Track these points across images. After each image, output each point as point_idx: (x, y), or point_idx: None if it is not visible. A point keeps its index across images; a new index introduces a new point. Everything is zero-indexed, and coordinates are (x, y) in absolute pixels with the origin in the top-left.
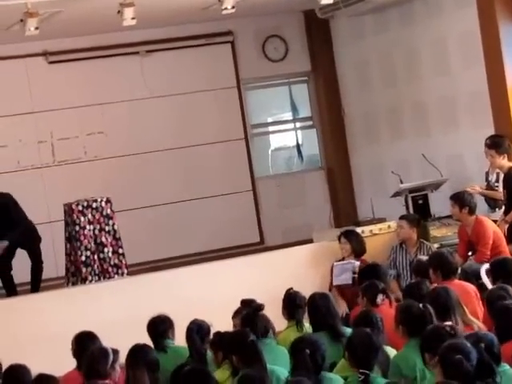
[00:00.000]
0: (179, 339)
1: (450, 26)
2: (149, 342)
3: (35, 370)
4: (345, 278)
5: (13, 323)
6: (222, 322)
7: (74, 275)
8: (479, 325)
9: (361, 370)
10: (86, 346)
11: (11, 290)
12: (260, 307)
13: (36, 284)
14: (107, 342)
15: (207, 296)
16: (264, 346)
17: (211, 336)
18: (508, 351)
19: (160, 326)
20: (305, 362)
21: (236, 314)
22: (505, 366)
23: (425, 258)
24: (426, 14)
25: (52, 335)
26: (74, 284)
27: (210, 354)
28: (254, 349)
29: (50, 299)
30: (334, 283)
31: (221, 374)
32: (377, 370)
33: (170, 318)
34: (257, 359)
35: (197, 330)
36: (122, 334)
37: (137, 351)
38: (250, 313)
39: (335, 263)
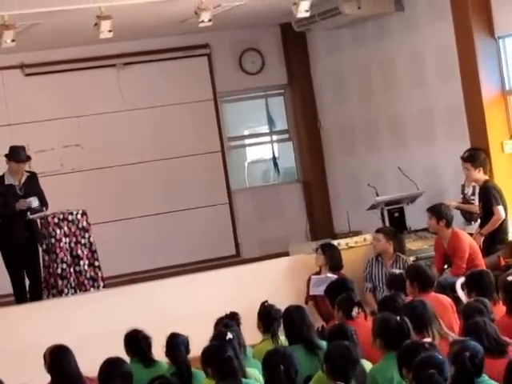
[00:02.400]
0: (154, 352)
1: (427, 39)
2: (124, 355)
3: (10, 383)
4: (321, 290)
5: None
6: (198, 335)
7: (54, 287)
8: (455, 338)
9: (338, 382)
10: (59, 360)
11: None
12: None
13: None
14: (82, 355)
15: (183, 309)
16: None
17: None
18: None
19: (138, 339)
20: (278, 376)
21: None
22: (484, 377)
23: (398, 271)
24: (402, 28)
25: (26, 348)
26: (54, 296)
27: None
28: (230, 364)
29: (25, 312)
30: (310, 293)
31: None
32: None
33: (145, 331)
34: (232, 374)
35: (182, 342)
36: (98, 347)
37: (111, 364)
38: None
39: (313, 276)
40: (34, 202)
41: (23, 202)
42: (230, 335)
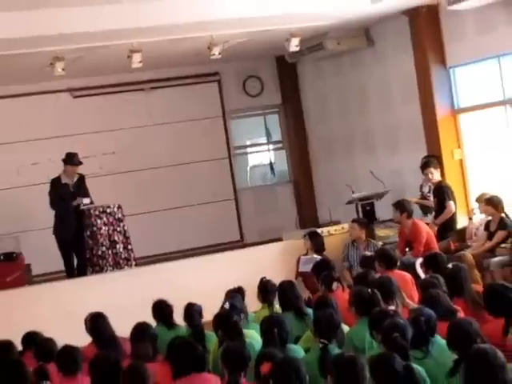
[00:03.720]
0: (175, 318)
1: (392, 69)
2: (151, 320)
3: (61, 342)
4: (308, 268)
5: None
6: (210, 304)
7: (96, 265)
8: (414, 306)
9: (321, 340)
10: (97, 324)
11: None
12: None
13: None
14: (118, 320)
15: (198, 283)
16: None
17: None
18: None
19: (163, 308)
20: (273, 337)
21: (227, 294)
22: (437, 337)
23: (369, 253)
24: (373, 60)
25: (74, 314)
26: (96, 272)
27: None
28: (236, 327)
29: (74, 285)
30: (299, 270)
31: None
32: (334, 344)
33: (168, 301)
34: (238, 335)
35: (196, 310)
36: (131, 313)
37: (140, 327)
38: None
39: (302, 257)
40: (85, 200)
41: (79, 199)
42: (227, 304)
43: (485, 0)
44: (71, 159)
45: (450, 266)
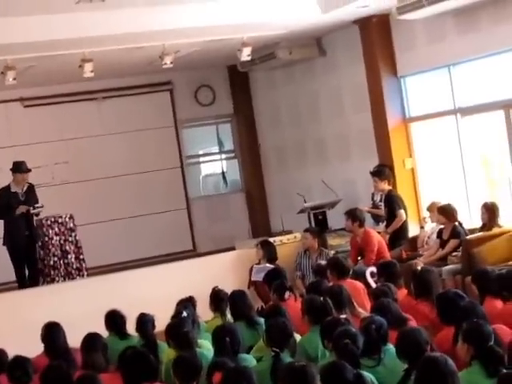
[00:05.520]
0: (128, 328)
1: (344, 78)
2: (104, 330)
3: (12, 353)
4: (261, 276)
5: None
6: (162, 314)
7: (48, 276)
8: (366, 315)
9: (273, 349)
10: (52, 333)
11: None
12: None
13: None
14: (69, 330)
15: (150, 293)
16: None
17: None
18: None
19: (115, 318)
20: (225, 346)
21: (178, 303)
22: (389, 346)
23: (323, 262)
24: (324, 69)
25: (25, 324)
26: (48, 283)
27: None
28: (187, 337)
29: (26, 295)
30: (252, 279)
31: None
32: (287, 353)
33: (121, 311)
34: (189, 345)
35: (149, 320)
36: (82, 324)
37: (90, 337)
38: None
39: (255, 265)
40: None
41: (23, 207)
42: (184, 313)
43: (435, 10)
44: (18, 167)
45: (418, 268)
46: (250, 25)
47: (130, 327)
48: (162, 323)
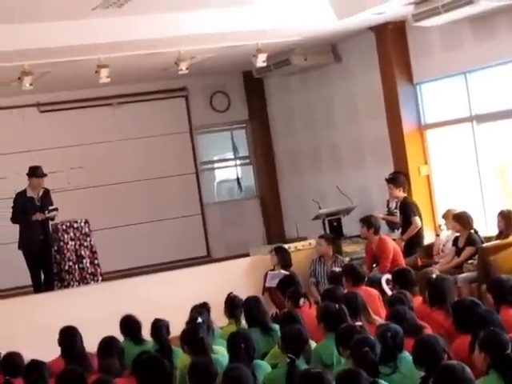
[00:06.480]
0: (143, 333)
1: (359, 85)
2: (119, 335)
3: (28, 357)
4: (275, 283)
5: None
6: (176, 320)
7: (63, 280)
8: (381, 322)
9: (288, 355)
10: (69, 337)
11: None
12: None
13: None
14: (84, 335)
15: (165, 298)
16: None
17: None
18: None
19: (130, 323)
20: (240, 353)
21: (193, 309)
22: (405, 353)
23: (338, 269)
24: (339, 75)
25: (41, 328)
26: (63, 287)
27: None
28: (202, 343)
29: (41, 300)
30: (267, 285)
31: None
32: (302, 359)
33: (136, 316)
34: (204, 351)
35: (163, 326)
36: (97, 329)
37: (107, 340)
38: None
39: (269, 272)
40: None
41: (39, 215)
42: (199, 320)
43: (451, 17)
44: (35, 171)
45: (433, 276)
46: (265, 31)
47: (145, 332)
48: (176, 329)
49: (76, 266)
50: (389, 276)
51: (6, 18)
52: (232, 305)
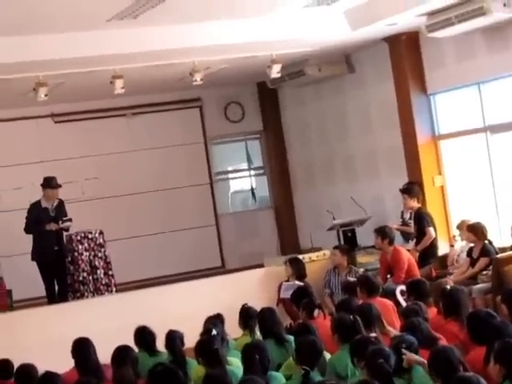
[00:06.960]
0: (157, 345)
1: (373, 95)
2: (132, 346)
3: (42, 368)
4: (289, 294)
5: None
6: (191, 331)
7: (77, 291)
8: (395, 333)
9: (303, 367)
10: (82, 348)
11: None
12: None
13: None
14: (98, 346)
15: (179, 309)
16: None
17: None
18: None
19: (145, 334)
20: (255, 364)
21: (207, 320)
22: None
23: (352, 279)
24: (353, 86)
25: (55, 340)
26: (77, 298)
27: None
28: (216, 354)
29: (55, 311)
30: (281, 296)
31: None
32: (316, 371)
33: (150, 327)
34: (219, 362)
35: (178, 337)
36: (111, 340)
37: (121, 350)
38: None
39: (283, 283)
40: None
41: (53, 225)
42: (214, 331)
43: (464, 27)
44: (49, 182)
45: (448, 287)
46: (279, 42)
47: (159, 344)
48: (190, 340)
49: (90, 277)
50: (403, 287)
51: (21, 29)
52: (246, 316)
